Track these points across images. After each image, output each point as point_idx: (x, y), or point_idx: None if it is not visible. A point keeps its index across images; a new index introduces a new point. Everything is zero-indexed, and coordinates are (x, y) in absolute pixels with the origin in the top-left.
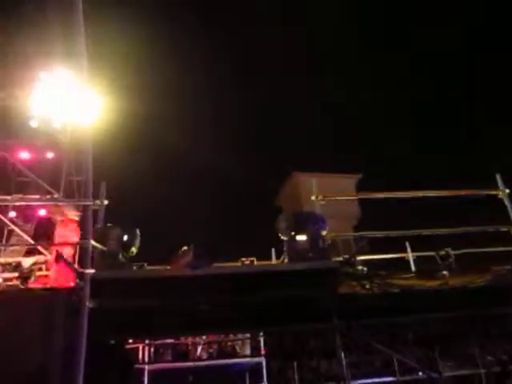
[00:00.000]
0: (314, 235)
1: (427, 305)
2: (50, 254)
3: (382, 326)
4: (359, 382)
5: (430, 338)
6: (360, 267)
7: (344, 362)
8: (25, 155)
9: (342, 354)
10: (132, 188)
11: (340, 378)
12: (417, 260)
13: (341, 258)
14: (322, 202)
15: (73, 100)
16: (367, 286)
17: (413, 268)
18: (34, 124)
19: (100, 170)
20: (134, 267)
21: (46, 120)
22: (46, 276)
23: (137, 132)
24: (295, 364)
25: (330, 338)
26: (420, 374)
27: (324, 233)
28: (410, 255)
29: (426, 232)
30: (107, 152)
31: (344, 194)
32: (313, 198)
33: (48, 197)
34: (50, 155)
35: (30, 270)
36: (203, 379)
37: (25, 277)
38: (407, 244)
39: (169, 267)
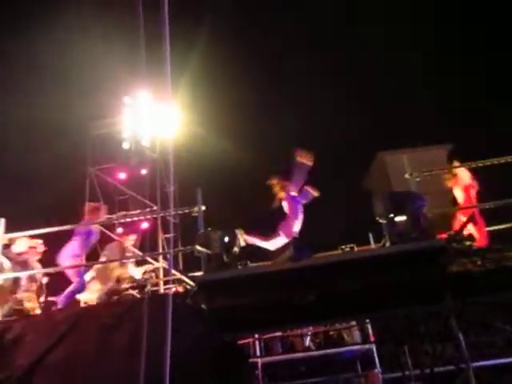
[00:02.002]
0: (415, 214)
1: None
2: (157, 262)
3: (501, 303)
4: (480, 363)
5: None
6: (468, 243)
7: (463, 344)
8: (122, 175)
9: (461, 336)
10: (222, 191)
11: (459, 361)
12: None
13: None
14: (418, 179)
15: (156, 117)
16: (479, 263)
17: None
18: (126, 146)
19: (193, 177)
20: (239, 266)
21: (135, 140)
22: (157, 283)
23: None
24: (407, 348)
25: (442, 320)
26: None
27: (424, 210)
28: None
29: None
30: (195, 161)
31: (437, 167)
32: (406, 175)
33: (148, 210)
34: (143, 172)
35: (145, 279)
36: (314, 369)
37: (141, 286)
38: None
39: (270, 262)
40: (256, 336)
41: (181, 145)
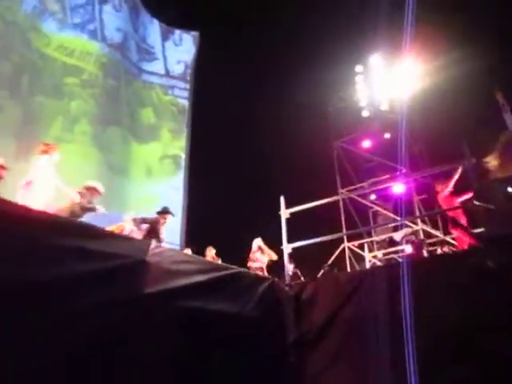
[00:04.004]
0: None
1: None
2: (416, 225)
3: None
4: None
5: None
6: None
7: None
8: (366, 143)
9: None
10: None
11: None
12: None
13: None
14: None
15: (391, 78)
16: None
17: None
18: (365, 114)
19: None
20: None
21: (374, 106)
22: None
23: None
24: None
25: None
26: None
27: None
28: None
29: None
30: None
31: None
32: None
33: (397, 173)
34: (387, 136)
35: (407, 241)
36: None
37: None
38: None
39: None
40: None
41: (421, 101)
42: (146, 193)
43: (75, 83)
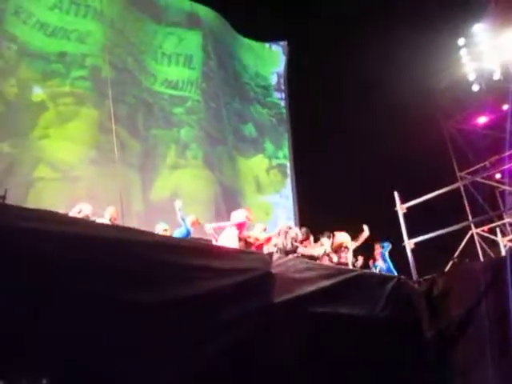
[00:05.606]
0: None
1: None
2: None
3: None
4: None
5: None
6: None
7: None
8: (482, 120)
9: None
10: None
11: None
12: None
13: None
14: None
15: (501, 43)
16: None
17: None
18: (476, 88)
19: None
20: None
21: (484, 77)
22: None
23: None
24: None
25: None
26: None
27: None
28: None
29: None
30: None
31: None
32: None
33: None
34: (505, 107)
35: None
36: None
37: None
38: None
39: None
40: None
41: None
42: (258, 205)
43: (181, 112)
